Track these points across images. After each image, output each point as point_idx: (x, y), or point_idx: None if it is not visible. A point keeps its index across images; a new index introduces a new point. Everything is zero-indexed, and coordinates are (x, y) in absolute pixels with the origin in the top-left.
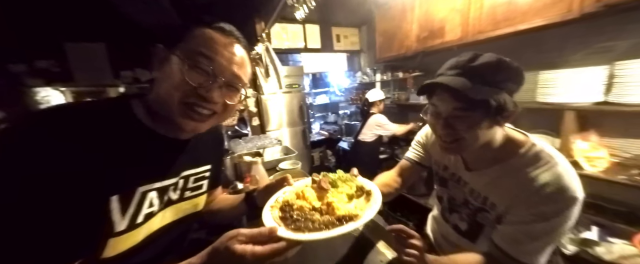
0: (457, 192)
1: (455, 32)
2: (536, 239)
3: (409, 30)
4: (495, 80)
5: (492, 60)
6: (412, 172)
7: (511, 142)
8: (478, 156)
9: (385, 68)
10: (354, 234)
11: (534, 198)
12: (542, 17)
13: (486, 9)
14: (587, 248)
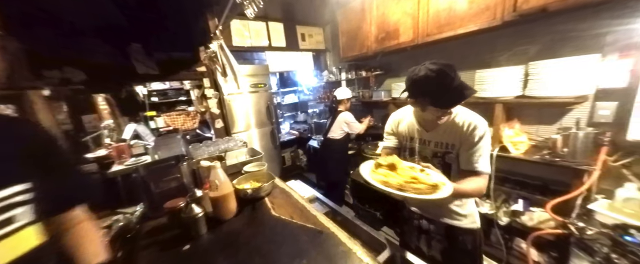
0: (425, 150)
1: (408, 34)
2: (480, 155)
3: (368, 31)
4: (421, 90)
5: (420, 77)
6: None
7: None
8: (430, 121)
9: (350, 67)
10: (317, 228)
11: (469, 133)
12: (474, 23)
13: (432, 14)
14: (516, 218)
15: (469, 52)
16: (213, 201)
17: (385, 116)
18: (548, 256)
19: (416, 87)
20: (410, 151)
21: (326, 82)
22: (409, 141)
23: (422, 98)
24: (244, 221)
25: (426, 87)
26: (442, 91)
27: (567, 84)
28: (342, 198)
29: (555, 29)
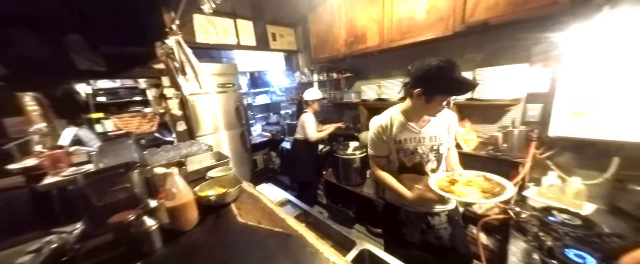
0: (422, 147)
1: (375, 40)
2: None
3: (338, 35)
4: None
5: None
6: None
7: None
8: (427, 116)
9: (322, 69)
10: (286, 232)
11: (453, 121)
12: (431, 32)
13: (396, 22)
14: (469, 208)
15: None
16: (170, 211)
17: (356, 117)
18: (495, 239)
19: (428, 78)
20: (406, 152)
21: (299, 83)
22: (404, 143)
23: (434, 89)
24: (206, 230)
25: (440, 77)
26: (454, 80)
27: (506, 88)
28: (315, 199)
29: (496, 40)
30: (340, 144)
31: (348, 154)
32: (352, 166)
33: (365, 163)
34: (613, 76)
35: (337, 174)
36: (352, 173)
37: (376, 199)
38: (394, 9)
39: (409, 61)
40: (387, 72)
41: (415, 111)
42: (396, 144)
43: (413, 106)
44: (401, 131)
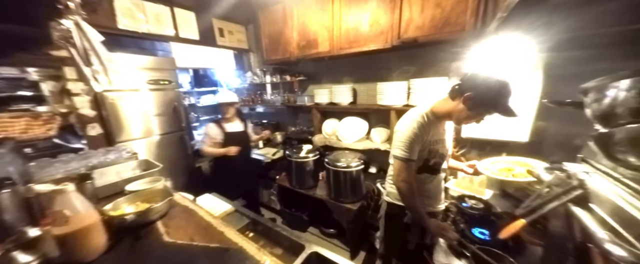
0: (443, 149)
1: (325, 45)
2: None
3: (290, 37)
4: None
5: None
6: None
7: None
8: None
9: (275, 70)
10: (223, 246)
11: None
12: (374, 43)
13: (344, 30)
14: None
15: (373, 67)
16: (61, 240)
17: (309, 120)
18: None
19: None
20: (432, 152)
21: (250, 83)
22: (434, 143)
23: (485, 100)
24: (118, 258)
25: (498, 93)
26: (506, 102)
27: (431, 97)
28: (257, 204)
29: (424, 56)
30: (293, 148)
31: (301, 157)
32: (305, 169)
33: (318, 165)
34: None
35: (290, 177)
36: (305, 176)
37: (328, 200)
38: (343, 19)
39: (357, 69)
40: (337, 78)
41: (448, 113)
42: (428, 144)
43: (449, 107)
44: (435, 131)
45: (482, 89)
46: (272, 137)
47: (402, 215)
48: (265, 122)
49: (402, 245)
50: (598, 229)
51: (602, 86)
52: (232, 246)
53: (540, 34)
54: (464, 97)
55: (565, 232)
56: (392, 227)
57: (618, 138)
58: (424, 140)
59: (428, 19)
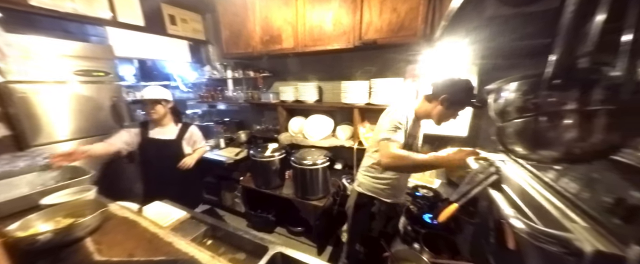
0: (415, 145)
1: (290, 42)
2: None
3: (253, 30)
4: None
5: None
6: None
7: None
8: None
9: (237, 65)
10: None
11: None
12: (337, 42)
13: (308, 28)
14: None
15: (337, 65)
16: None
17: (275, 118)
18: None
19: (457, 89)
20: (410, 146)
21: (209, 78)
22: (411, 138)
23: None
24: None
25: (466, 93)
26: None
27: (391, 96)
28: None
29: (383, 57)
30: (258, 147)
31: (267, 156)
32: (271, 169)
33: (284, 164)
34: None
35: (255, 178)
36: (271, 176)
37: (295, 199)
38: (306, 16)
39: (323, 67)
40: (303, 75)
41: (426, 113)
42: (407, 138)
43: (428, 109)
44: (413, 127)
45: (454, 90)
46: (236, 137)
47: (370, 205)
48: (227, 120)
49: (367, 232)
50: (506, 207)
51: (499, 88)
52: (181, 257)
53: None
54: (441, 99)
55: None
56: (359, 215)
57: (508, 131)
58: (405, 133)
59: (386, 23)
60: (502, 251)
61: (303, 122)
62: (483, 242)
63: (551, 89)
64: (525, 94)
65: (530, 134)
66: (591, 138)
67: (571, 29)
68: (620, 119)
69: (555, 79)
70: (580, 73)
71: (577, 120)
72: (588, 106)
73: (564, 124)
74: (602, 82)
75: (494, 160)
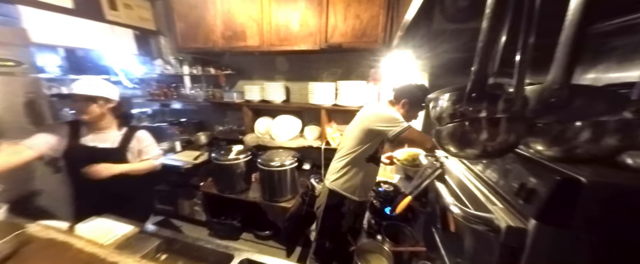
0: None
1: (255, 39)
2: None
3: (213, 24)
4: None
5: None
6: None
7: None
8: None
9: (195, 60)
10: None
11: None
12: (304, 43)
13: (274, 27)
14: None
15: (304, 66)
16: None
17: (239, 119)
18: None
19: (414, 93)
20: (382, 144)
21: (161, 74)
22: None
23: (416, 102)
24: None
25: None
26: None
27: (355, 98)
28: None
29: (348, 60)
30: (220, 149)
31: (231, 159)
32: (236, 172)
33: (250, 167)
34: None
35: (218, 183)
36: (236, 179)
37: (262, 202)
38: (272, 14)
39: (291, 66)
40: (270, 75)
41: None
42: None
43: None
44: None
45: (413, 94)
46: (194, 139)
47: (341, 205)
48: (183, 121)
49: (337, 229)
50: (448, 196)
51: (436, 98)
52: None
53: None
54: (402, 103)
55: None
56: (330, 215)
57: (443, 134)
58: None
59: (350, 28)
60: (446, 234)
61: (270, 123)
62: (432, 228)
63: (469, 101)
64: (454, 104)
65: (458, 136)
66: (497, 139)
67: (483, 52)
68: (513, 124)
69: (472, 93)
70: (489, 88)
71: (487, 125)
72: (494, 114)
73: (479, 128)
74: (503, 96)
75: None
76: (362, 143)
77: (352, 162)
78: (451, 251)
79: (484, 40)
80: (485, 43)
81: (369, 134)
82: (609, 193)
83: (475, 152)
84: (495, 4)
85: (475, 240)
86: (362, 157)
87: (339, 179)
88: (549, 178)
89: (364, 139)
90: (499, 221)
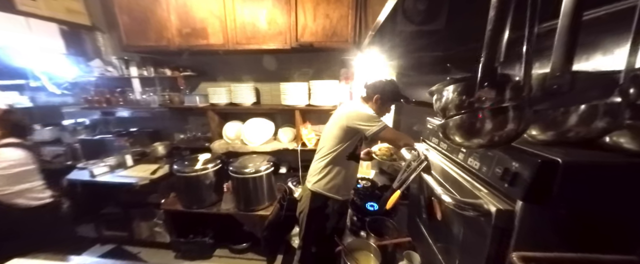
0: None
1: (218, 37)
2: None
3: (166, 19)
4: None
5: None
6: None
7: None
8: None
9: (145, 61)
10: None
11: None
12: (273, 42)
13: (239, 24)
14: None
15: (276, 66)
16: None
17: (204, 125)
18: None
19: (384, 88)
20: (361, 142)
21: (101, 77)
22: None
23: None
24: None
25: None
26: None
27: (328, 97)
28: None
29: (319, 60)
30: (184, 160)
31: (198, 169)
32: (205, 183)
33: (221, 176)
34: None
35: (183, 198)
36: (205, 192)
37: (237, 213)
38: (236, 10)
39: (259, 67)
40: (237, 76)
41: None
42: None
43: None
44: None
45: (384, 90)
46: (150, 151)
47: (324, 207)
48: (134, 131)
49: (323, 232)
50: (436, 186)
51: (440, 89)
52: None
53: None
54: (375, 99)
55: (419, 192)
56: (314, 218)
57: (450, 125)
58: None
59: (320, 27)
60: (432, 222)
61: (240, 127)
62: (417, 218)
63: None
64: (460, 94)
65: (466, 127)
66: (507, 127)
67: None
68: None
69: (484, 82)
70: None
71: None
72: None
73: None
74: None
75: (421, 149)
76: (342, 141)
77: (334, 162)
78: (438, 238)
79: (491, 29)
80: (492, 31)
81: (348, 132)
82: (579, 171)
83: (481, 142)
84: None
85: (463, 226)
86: (343, 156)
87: (321, 180)
88: (531, 161)
89: (344, 137)
90: (488, 206)
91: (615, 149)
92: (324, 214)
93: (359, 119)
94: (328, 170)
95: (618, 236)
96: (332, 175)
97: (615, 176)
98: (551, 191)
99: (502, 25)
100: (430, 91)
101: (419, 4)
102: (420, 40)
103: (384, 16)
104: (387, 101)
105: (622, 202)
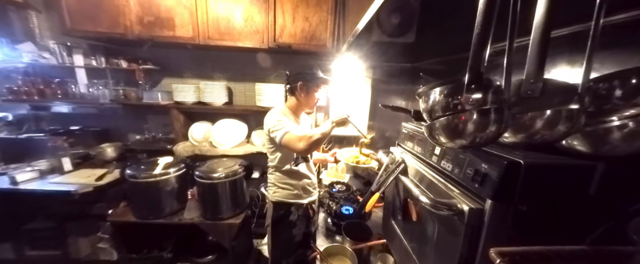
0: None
1: (187, 30)
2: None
3: (124, 4)
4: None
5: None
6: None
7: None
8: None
9: (94, 49)
10: None
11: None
12: (249, 40)
13: (212, 18)
14: None
15: (251, 65)
16: None
17: (166, 125)
18: None
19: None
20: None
21: (33, 64)
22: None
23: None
24: None
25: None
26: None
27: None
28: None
29: (297, 62)
30: (140, 164)
31: (157, 174)
32: (165, 190)
33: (184, 182)
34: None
35: (136, 207)
36: (164, 200)
37: (203, 222)
38: (209, 2)
39: (233, 65)
40: (207, 73)
41: (298, 106)
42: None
43: (296, 102)
44: (295, 123)
45: (304, 75)
46: (96, 153)
47: (288, 214)
48: (75, 129)
49: (290, 242)
50: (413, 187)
51: (427, 92)
52: None
53: (368, 60)
54: (299, 86)
55: (394, 194)
56: (280, 229)
57: (436, 126)
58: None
59: (299, 30)
60: (407, 223)
61: (209, 129)
62: (392, 220)
63: (469, 91)
64: (446, 96)
65: (452, 128)
66: (488, 129)
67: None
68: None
69: (472, 84)
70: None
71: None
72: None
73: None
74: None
75: (397, 153)
76: (276, 150)
77: (281, 171)
78: (412, 239)
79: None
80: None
81: (273, 142)
82: (537, 171)
83: (463, 143)
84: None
85: (438, 225)
86: (286, 163)
87: (277, 191)
88: (498, 163)
89: (275, 146)
90: (461, 205)
91: (570, 151)
92: (289, 222)
93: (268, 127)
94: (279, 179)
95: (571, 228)
96: (285, 183)
97: (567, 175)
98: (515, 189)
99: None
100: (417, 92)
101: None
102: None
103: (363, 24)
104: (311, 85)
105: (573, 198)
